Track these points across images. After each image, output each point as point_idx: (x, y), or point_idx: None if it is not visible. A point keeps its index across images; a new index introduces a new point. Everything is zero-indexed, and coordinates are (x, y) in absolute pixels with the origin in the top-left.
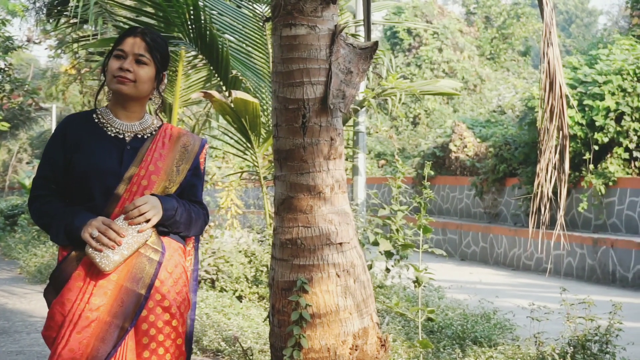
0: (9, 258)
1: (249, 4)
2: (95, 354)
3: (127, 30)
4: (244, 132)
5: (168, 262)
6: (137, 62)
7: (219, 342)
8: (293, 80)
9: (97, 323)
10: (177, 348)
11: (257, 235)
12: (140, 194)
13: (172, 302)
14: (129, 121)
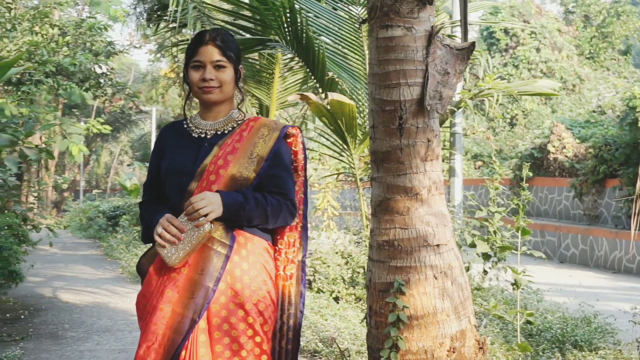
0: (111, 258)
1: (345, 5)
2: (171, 344)
3: (196, 38)
4: (340, 134)
5: (243, 258)
6: (216, 68)
7: (317, 343)
8: (389, 81)
9: (171, 314)
10: (255, 345)
11: (353, 236)
12: (208, 188)
13: (246, 299)
14: (214, 120)
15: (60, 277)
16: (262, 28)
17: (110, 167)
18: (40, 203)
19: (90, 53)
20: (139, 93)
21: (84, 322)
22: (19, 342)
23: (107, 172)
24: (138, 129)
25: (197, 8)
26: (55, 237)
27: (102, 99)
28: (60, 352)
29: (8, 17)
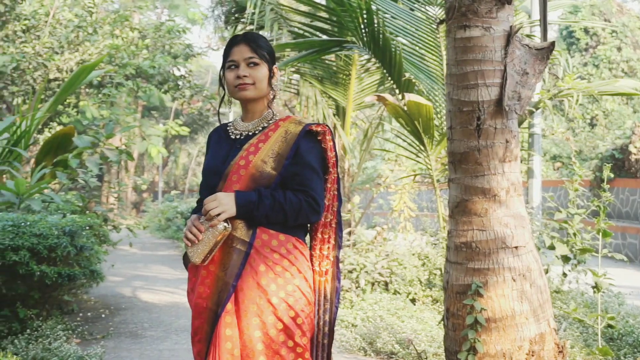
0: None
1: (422, 6)
2: (207, 337)
3: (230, 41)
4: (417, 135)
5: (267, 254)
6: (249, 66)
7: (393, 345)
8: (467, 82)
9: (205, 310)
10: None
11: (430, 238)
12: (230, 188)
13: (272, 293)
14: (250, 121)
15: (140, 276)
16: (339, 29)
17: (188, 168)
18: (120, 204)
19: (169, 56)
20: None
21: (162, 321)
22: (99, 340)
23: (185, 173)
24: None
25: (274, 10)
26: (135, 238)
27: (181, 101)
28: (139, 350)
29: (89, 21)
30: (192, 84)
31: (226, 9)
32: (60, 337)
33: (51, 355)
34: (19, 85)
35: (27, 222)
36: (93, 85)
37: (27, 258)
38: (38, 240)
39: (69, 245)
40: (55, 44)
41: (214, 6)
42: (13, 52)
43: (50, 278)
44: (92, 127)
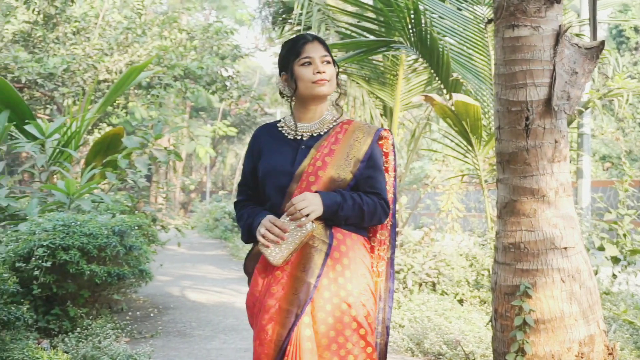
0: (237, 259)
1: (470, 6)
2: (279, 338)
3: (299, 39)
4: (465, 135)
5: (343, 254)
6: (324, 63)
7: (440, 346)
8: (516, 82)
9: (277, 310)
10: (360, 337)
11: (478, 238)
12: (307, 189)
13: (349, 292)
14: (309, 122)
15: (188, 276)
16: (386, 30)
17: (235, 168)
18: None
19: (216, 56)
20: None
21: (210, 321)
22: (148, 339)
23: (232, 174)
24: None
25: (321, 11)
26: (183, 237)
27: (228, 101)
28: (188, 349)
29: (138, 22)
30: (239, 84)
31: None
32: (109, 335)
33: (101, 354)
34: (70, 86)
35: (78, 222)
36: (142, 87)
37: (78, 257)
38: (88, 240)
39: (118, 244)
40: (105, 46)
41: (261, 7)
42: (64, 53)
43: (100, 277)
44: (141, 127)
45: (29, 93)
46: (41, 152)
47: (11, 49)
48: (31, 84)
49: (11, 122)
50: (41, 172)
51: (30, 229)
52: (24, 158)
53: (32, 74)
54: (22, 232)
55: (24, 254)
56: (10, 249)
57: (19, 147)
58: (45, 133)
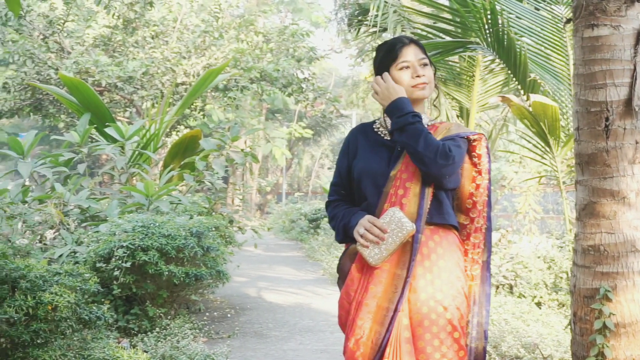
0: (313, 260)
1: (548, 5)
2: (378, 337)
3: (396, 43)
4: (543, 136)
5: (439, 256)
6: (422, 66)
7: (518, 349)
8: (595, 82)
9: (376, 309)
10: (454, 341)
11: (556, 241)
12: (402, 187)
13: (444, 295)
14: None
15: (264, 277)
16: (462, 30)
17: (311, 170)
18: (245, 205)
19: (292, 59)
20: (340, 97)
21: (287, 322)
22: (225, 339)
23: (308, 175)
24: (339, 132)
25: (397, 12)
26: (260, 239)
27: (304, 103)
28: (264, 350)
29: (216, 25)
30: (315, 86)
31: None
32: (187, 335)
33: (179, 354)
34: (148, 89)
35: (156, 223)
36: (219, 89)
37: (156, 258)
38: (167, 241)
39: (196, 245)
40: (183, 49)
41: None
42: (142, 57)
43: (178, 278)
44: (217, 129)
45: (109, 96)
46: (121, 154)
47: (92, 53)
48: (111, 87)
49: (92, 124)
50: (121, 174)
51: (111, 230)
52: (104, 160)
53: (112, 78)
54: (102, 233)
55: (105, 254)
56: (91, 250)
57: (100, 149)
58: (124, 135)
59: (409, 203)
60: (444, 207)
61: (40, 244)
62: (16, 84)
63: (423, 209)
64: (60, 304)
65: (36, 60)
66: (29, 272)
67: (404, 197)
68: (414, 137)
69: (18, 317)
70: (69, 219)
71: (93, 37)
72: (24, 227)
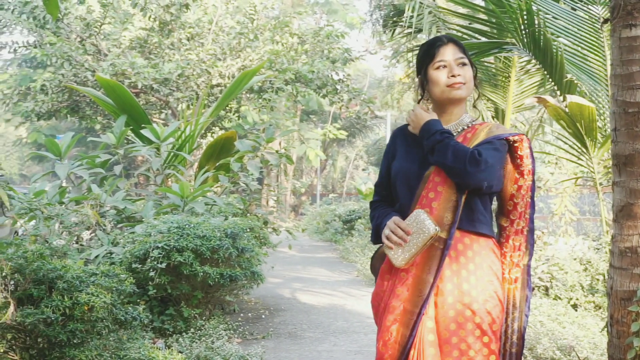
0: (347, 261)
1: (585, 5)
2: (403, 339)
3: (434, 42)
4: (579, 137)
5: (469, 259)
6: (459, 66)
7: (554, 351)
8: (633, 82)
9: (402, 311)
10: (483, 345)
11: (592, 242)
12: (434, 190)
13: (473, 299)
14: (446, 124)
15: (298, 278)
16: (498, 31)
17: (345, 171)
18: (279, 206)
19: (327, 60)
20: (374, 99)
21: (321, 323)
22: (260, 340)
23: (342, 177)
24: (373, 134)
25: (432, 13)
26: (294, 240)
27: (339, 104)
28: (298, 351)
29: (251, 27)
30: (350, 87)
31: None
32: (222, 336)
33: (214, 354)
34: (184, 91)
35: (191, 224)
36: (254, 90)
37: (191, 259)
38: (201, 242)
39: (230, 247)
40: (218, 51)
41: (372, 10)
42: (178, 59)
43: (213, 279)
44: (252, 131)
45: (145, 98)
46: (156, 155)
47: (128, 55)
48: (147, 89)
49: (128, 126)
50: (156, 175)
51: (146, 231)
52: (140, 161)
53: (147, 79)
54: (138, 234)
55: (140, 255)
56: (127, 251)
57: (136, 150)
58: (160, 137)
59: (439, 207)
60: (475, 214)
61: (77, 245)
62: (54, 86)
63: (455, 215)
64: (97, 304)
65: (73, 63)
66: (66, 272)
67: (434, 200)
68: (443, 154)
69: (55, 317)
70: (105, 220)
71: (129, 39)
72: (61, 228)
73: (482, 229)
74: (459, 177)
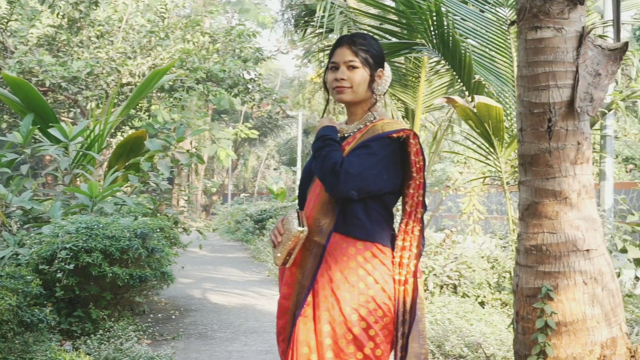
0: (258, 261)
1: (492, 7)
2: (288, 337)
3: (336, 42)
4: (487, 137)
5: (343, 262)
6: (349, 69)
7: (462, 348)
8: (538, 83)
9: (288, 310)
10: (357, 349)
11: (499, 241)
12: (314, 193)
13: (346, 302)
14: (351, 124)
15: (209, 278)
16: (408, 32)
17: (257, 171)
18: (190, 206)
19: (239, 59)
20: (286, 98)
21: (232, 323)
22: (170, 341)
23: (254, 176)
24: (285, 133)
25: (343, 13)
26: (205, 240)
27: (250, 104)
28: (209, 352)
29: (162, 26)
30: (261, 87)
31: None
32: (131, 337)
33: (123, 356)
34: (93, 89)
35: (100, 225)
36: (164, 89)
37: (100, 260)
38: (110, 242)
39: (140, 247)
40: (128, 49)
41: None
42: (87, 57)
43: (122, 279)
44: (163, 130)
45: (53, 96)
46: (65, 155)
47: (36, 52)
48: (55, 88)
49: (35, 125)
50: (64, 175)
51: (54, 232)
52: (48, 161)
53: (56, 78)
54: (45, 235)
55: (47, 256)
56: (33, 252)
57: (43, 150)
58: (68, 136)
59: (315, 210)
60: (349, 219)
61: None
62: None
63: (333, 219)
64: (1, 306)
65: None
66: None
67: (313, 203)
68: (317, 162)
69: None
70: (11, 221)
71: (37, 36)
72: None
73: (357, 234)
74: (325, 187)
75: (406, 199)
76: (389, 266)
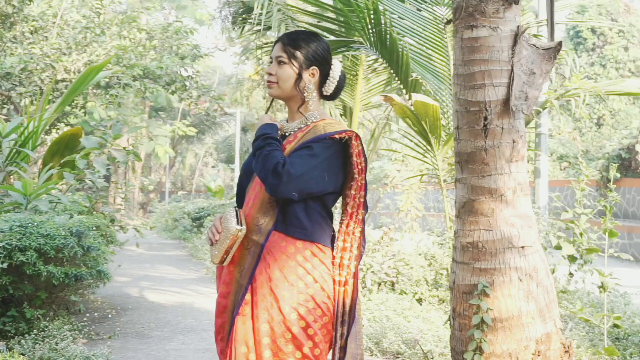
0: (196, 259)
1: (429, 6)
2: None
3: (278, 37)
4: (424, 135)
5: (282, 261)
6: (278, 64)
7: (399, 345)
8: (474, 82)
9: (226, 309)
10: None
11: (437, 238)
12: (254, 191)
13: (285, 301)
14: (292, 122)
15: (147, 277)
16: (346, 30)
17: (195, 168)
18: (127, 204)
19: (176, 56)
20: (224, 95)
21: (169, 321)
22: (106, 340)
23: (192, 174)
24: (223, 131)
25: (281, 11)
26: (142, 238)
27: (188, 101)
28: (146, 350)
29: (97, 22)
30: (199, 84)
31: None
32: (67, 337)
33: (58, 356)
34: (27, 86)
35: (35, 223)
36: (100, 86)
37: (35, 258)
38: (45, 241)
39: (76, 245)
40: (63, 45)
41: (221, 7)
42: (21, 53)
43: (57, 278)
44: (99, 127)
45: None
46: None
47: None
48: None
49: None
50: None
51: None
52: None
53: None
54: None
55: None
56: None
57: None
58: (1, 133)
59: (254, 207)
60: (289, 218)
61: None
62: None
63: (272, 218)
64: None
65: None
66: None
67: (252, 201)
68: (257, 162)
69: None
70: None
71: None
72: None
73: (295, 234)
74: (266, 187)
75: (347, 200)
76: (328, 265)
